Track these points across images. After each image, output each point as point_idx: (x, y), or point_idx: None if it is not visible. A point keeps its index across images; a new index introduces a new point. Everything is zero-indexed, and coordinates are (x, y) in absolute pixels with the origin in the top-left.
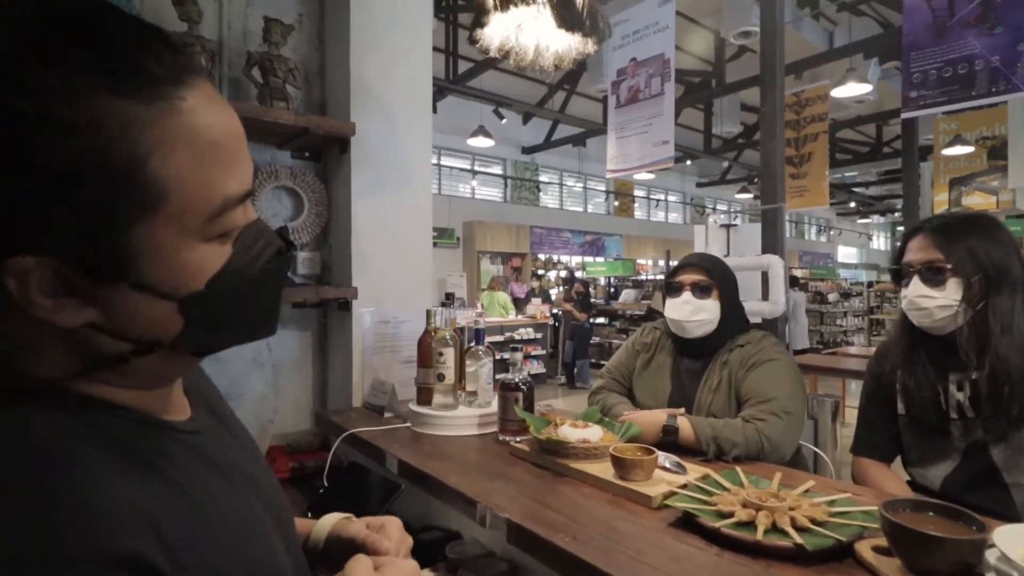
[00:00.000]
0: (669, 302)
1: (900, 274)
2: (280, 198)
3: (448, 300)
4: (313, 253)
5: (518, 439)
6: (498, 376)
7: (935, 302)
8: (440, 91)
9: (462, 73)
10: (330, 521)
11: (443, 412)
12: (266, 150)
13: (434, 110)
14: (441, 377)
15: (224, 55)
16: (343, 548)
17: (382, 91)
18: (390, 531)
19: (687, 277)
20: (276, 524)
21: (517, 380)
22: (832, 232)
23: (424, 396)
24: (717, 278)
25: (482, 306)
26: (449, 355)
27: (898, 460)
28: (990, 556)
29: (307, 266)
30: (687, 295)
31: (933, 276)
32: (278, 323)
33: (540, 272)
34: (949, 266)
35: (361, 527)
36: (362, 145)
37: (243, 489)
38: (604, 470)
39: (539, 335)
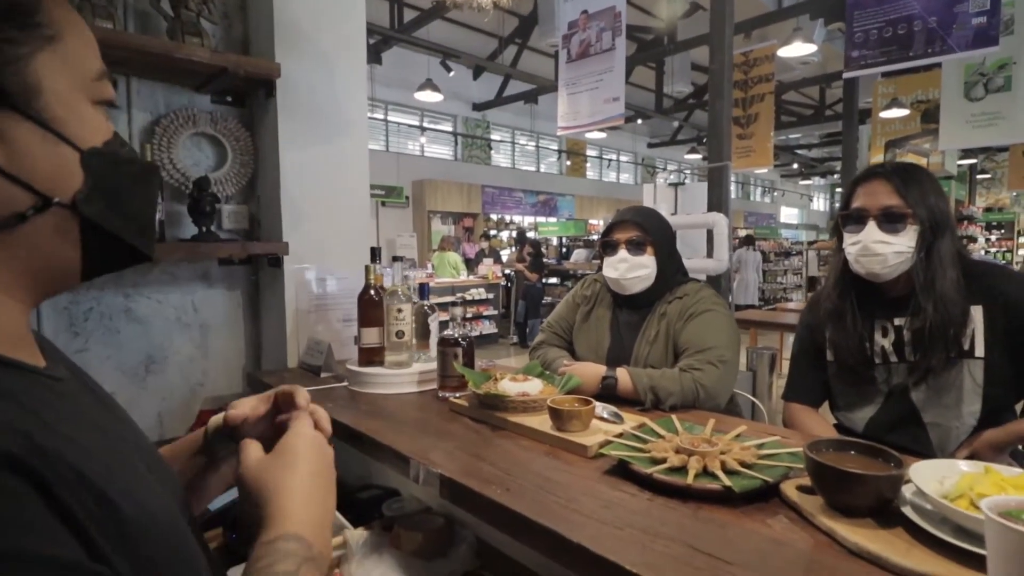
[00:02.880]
0: (606, 260)
1: (849, 220)
2: (200, 146)
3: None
4: (240, 206)
5: (457, 395)
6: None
7: (891, 248)
8: (385, 40)
9: (408, 22)
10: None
11: (389, 370)
12: (182, 93)
13: (379, 61)
14: (400, 334)
15: None
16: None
17: (311, 30)
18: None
19: (622, 235)
20: (156, 470)
21: (456, 336)
22: (776, 193)
23: (368, 356)
24: (652, 232)
25: (432, 266)
26: (408, 311)
27: (826, 405)
28: (906, 491)
29: (233, 220)
30: (623, 252)
31: (891, 222)
32: (154, 250)
33: (492, 232)
34: (910, 211)
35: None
36: (289, 89)
37: (114, 439)
38: (542, 422)
39: (491, 295)
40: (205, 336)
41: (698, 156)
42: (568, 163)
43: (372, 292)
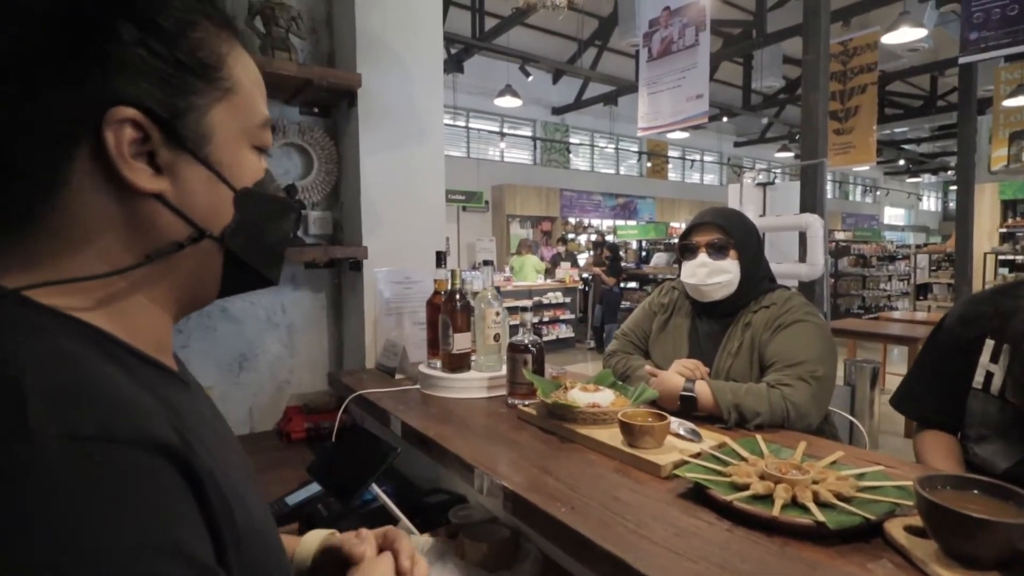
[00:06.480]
0: (684, 265)
1: None
2: (290, 156)
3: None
4: (324, 212)
5: (526, 403)
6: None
7: None
8: (466, 49)
9: (488, 30)
10: (318, 537)
11: (459, 375)
12: (274, 105)
13: (461, 70)
14: (497, 337)
15: (226, 4)
16: (330, 557)
17: (391, 41)
18: (367, 537)
19: (702, 237)
20: (253, 481)
21: (527, 342)
22: (879, 192)
23: (459, 362)
24: (735, 234)
25: (511, 269)
26: (503, 314)
27: None
28: None
29: (319, 226)
30: (703, 256)
31: None
32: (280, 277)
33: (570, 236)
34: None
35: (348, 537)
36: (370, 99)
37: (228, 447)
38: (612, 436)
39: (568, 299)
40: (292, 336)
41: (789, 154)
42: (649, 164)
43: (458, 297)
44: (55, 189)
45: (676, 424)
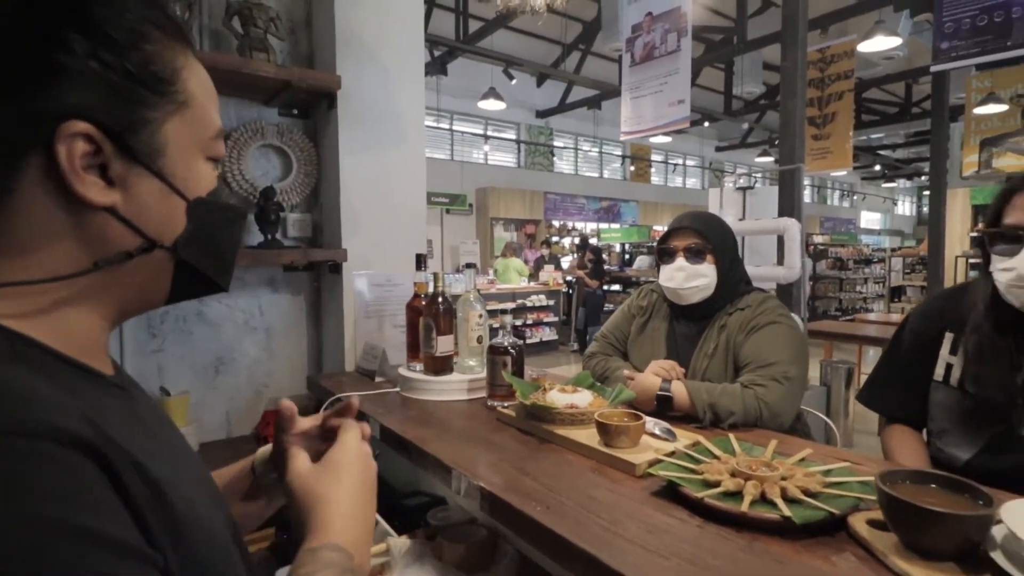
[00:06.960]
0: (663, 269)
1: (999, 240)
2: (268, 157)
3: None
4: (304, 215)
5: (505, 404)
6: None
7: None
8: (450, 52)
9: (473, 32)
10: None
11: (439, 377)
12: (251, 106)
13: (445, 72)
14: (480, 339)
15: (204, 4)
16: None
17: (371, 42)
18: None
19: (680, 242)
20: (203, 482)
21: (506, 344)
22: (855, 197)
23: (442, 364)
24: (712, 239)
25: (495, 272)
26: (486, 316)
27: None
28: (996, 533)
29: (298, 228)
30: (680, 261)
31: None
32: (231, 279)
33: (554, 239)
34: None
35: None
36: (350, 100)
37: (169, 447)
38: (590, 436)
39: (552, 302)
40: (270, 339)
41: (770, 159)
42: (632, 168)
43: (440, 299)
44: (1, 198)
45: (651, 424)
